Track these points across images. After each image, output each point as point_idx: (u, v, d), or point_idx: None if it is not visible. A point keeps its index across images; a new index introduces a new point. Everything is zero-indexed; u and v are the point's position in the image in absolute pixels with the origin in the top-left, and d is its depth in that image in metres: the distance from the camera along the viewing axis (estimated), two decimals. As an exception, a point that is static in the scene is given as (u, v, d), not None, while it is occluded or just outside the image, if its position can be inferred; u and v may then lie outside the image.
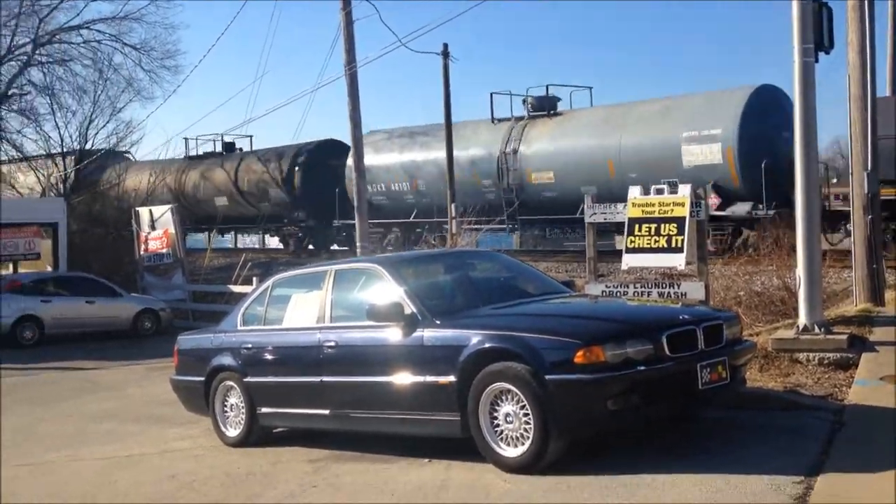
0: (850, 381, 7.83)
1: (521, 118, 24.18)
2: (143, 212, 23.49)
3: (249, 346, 8.27)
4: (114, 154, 32.32)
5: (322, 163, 28.84)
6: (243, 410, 8.21)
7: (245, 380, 8.18)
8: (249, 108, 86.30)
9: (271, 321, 8.38)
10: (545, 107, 23.89)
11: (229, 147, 33.02)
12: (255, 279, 15.89)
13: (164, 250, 22.38)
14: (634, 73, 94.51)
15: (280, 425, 8.29)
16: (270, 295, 8.59)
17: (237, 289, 19.02)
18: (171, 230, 22.30)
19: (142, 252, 22.88)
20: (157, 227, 22.62)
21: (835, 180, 20.88)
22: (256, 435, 8.20)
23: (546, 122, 23.63)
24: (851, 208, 11.19)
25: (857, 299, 10.92)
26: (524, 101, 24.35)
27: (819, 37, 9.40)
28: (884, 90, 17.01)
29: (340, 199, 26.62)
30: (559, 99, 24.47)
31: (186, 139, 33.29)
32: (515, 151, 23.47)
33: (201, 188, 32.26)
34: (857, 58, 11.01)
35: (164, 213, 22.75)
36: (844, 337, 8.57)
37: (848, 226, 13.89)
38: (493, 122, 24.92)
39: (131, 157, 33.87)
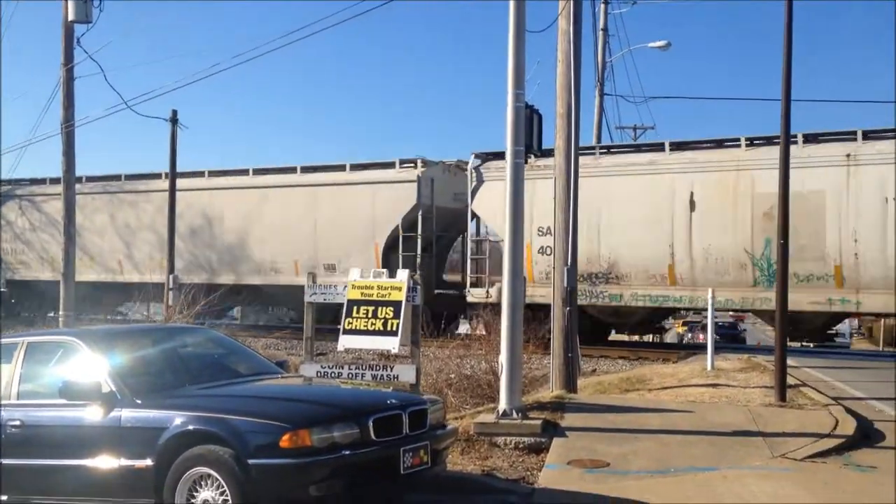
0: (542, 464, 8.32)
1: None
2: None
3: (-88, 424, 7.36)
4: None
5: None
6: None
7: None
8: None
9: (-54, 396, 7.54)
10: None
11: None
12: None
13: None
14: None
15: (-56, 514, 7.40)
16: (-53, 366, 7.73)
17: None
18: None
19: None
20: None
21: None
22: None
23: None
24: (552, 301, 12.07)
25: (553, 385, 11.73)
26: None
27: (529, 140, 10.22)
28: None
29: None
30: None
31: None
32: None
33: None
34: (563, 162, 12.03)
35: None
36: (539, 422, 9.14)
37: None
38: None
39: None
